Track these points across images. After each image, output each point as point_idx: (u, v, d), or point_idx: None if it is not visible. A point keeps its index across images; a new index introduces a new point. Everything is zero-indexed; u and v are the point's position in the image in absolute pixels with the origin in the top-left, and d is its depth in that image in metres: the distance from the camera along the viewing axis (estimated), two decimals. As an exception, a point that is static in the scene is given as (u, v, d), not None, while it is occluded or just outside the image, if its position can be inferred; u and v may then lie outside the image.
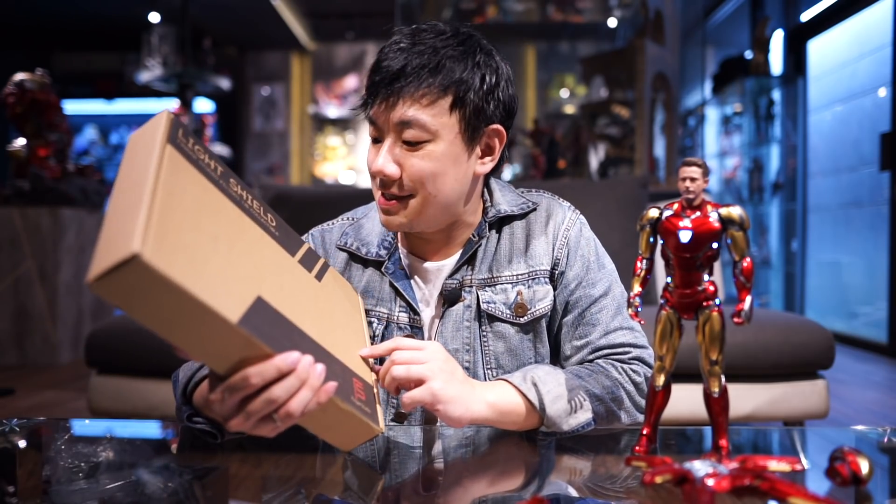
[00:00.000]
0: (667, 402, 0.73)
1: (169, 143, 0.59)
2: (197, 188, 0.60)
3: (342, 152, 7.63)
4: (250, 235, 0.65)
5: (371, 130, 0.87)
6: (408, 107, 0.82)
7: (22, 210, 3.52)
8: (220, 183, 0.64)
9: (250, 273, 0.61)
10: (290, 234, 0.75)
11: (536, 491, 0.70)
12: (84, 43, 7.55)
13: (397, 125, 0.83)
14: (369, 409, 0.69)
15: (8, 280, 3.54)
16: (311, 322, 0.67)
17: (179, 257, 0.52)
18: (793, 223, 5.10)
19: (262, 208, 0.70)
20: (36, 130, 3.59)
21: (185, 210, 0.56)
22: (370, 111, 0.86)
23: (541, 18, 4.55)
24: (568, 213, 0.97)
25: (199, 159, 0.63)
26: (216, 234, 0.59)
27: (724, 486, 0.54)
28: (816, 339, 1.81)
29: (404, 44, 0.83)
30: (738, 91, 5.17)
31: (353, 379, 0.70)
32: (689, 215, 0.68)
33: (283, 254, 0.71)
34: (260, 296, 0.60)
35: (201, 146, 0.65)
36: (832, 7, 4.61)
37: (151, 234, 0.50)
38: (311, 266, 0.76)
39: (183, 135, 0.63)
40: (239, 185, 0.68)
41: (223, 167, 0.67)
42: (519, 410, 0.81)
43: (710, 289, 0.69)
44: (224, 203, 0.63)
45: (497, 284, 0.93)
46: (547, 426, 0.82)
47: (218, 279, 0.56)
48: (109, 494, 0.64)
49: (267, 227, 0.70)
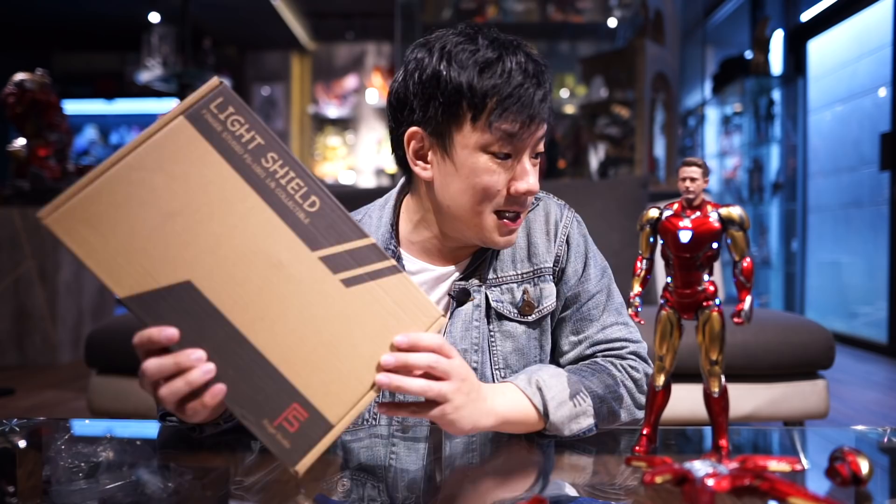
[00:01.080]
0: (667, 402, 0.73)
1: (184, 116, 0.62)
2: (185, 162, 0.62)
3: (342, 152, 7.63)
4: (243, 218, 0.62)
5: (504, 146, 0.82)
6: (545, 124, 0.86)
7: (22, 210, 3.52)
8: (241, 158, 0.63)
9: (198, 256, 0.61)
10: (332, 227, 0.64)
11: (536, 491, 0.70)
12: (84, 43, 7.55)
13: (538, 141, 0.85)
14: (289, 444, 0.60)
15: (8, 280, 3.54)
16: (270, 324, 0.62)
17: (83, 227, 0.59)
18: (793, 223, 5.10)
19: (302, 191, 0.64)
20: (36, 130, 3.59)
21: (138, 185, 0.60)
22: (522, 129, 0.82)
23: (541, 18, 4.55)
24: (564, 211, 0.98)
25: (227, 130, 0.63)
26: (175, 211, 0.61)
27: (724, 486, 0.54)
28: (816, 339, 1.81)
29: (538, 68, 0.84)
30: (738, 91, 5.17)
31: (294, 404, 0.61)
32: (689, 215, 0.68)
33: (295, 244, 0.63)
34: (191, 280, 0.60)
35: (244, 117, 0.63)
36: (832, 7, 4.61)
37: (70, 202, 0.59)
38: (345, 268, 0.64)
39: (218, 105, 0.63)
40: (279, 161, 0.63)
41: (266, 139, 0.64)
42: (525, 418, 0.80)
43: (710, 289, 0.69)
44: (227, 180, 0.62)
45: (503, 284, 0.94)
46: (549, 430, 0.82)
47: (130, 255, 0.60)
48: (109, 494, 0.64)
49: (292, 212, 0.63)
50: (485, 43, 0.83)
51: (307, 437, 0.61)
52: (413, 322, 0.66)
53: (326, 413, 0.62)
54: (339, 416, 0.62)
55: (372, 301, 0.65)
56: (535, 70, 0.83)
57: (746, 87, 5.06)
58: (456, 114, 0.82)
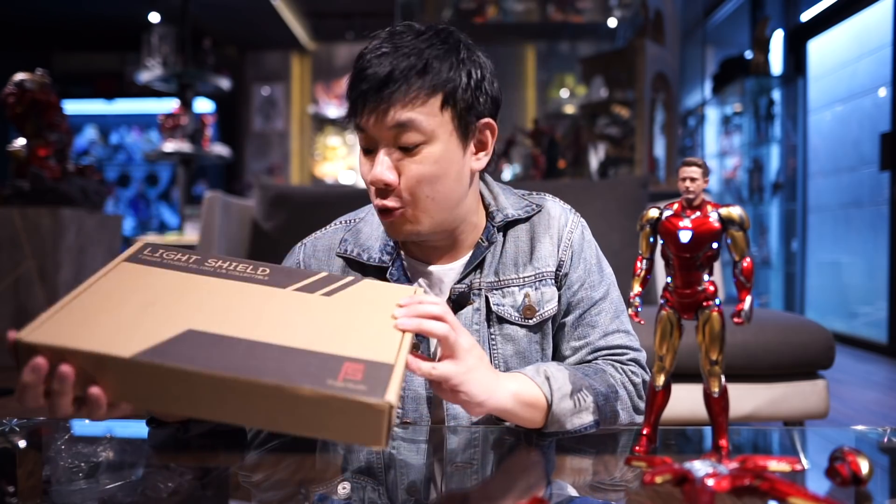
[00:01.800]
0: (667, 402, 0.73)
1: (126, 261, 0.70)
2: (142, 279, 0.68)
3: (342, 152, 7.63)
4: (212, 289, 0.68)
5: (361, 140, 0.85)
6: (401, 110, 0.80)
7: (22, 210, 3.52)
8: (188, 268, 0.71)
9: (186, 314, 0.63)
10: (291, 275, 0.73)
11: (536, 491, 0.70)
12: (84, 43, 7.55)
13: (391, 129, 0.81)
14: (364, 387, 0.57)
15: (8, 280, 3.54)
16: (285, 331, 0.63)
17: (65, 332, 0.58)
18: (793, 223, 5.10)
19: (250, 267, 0.73)
20: (36, 130, 3.59)
21: (107, 295, 0.64)
22: (360, 120, 0.83)
23: (541, 18, 4.54)
24: (570, 216, 0.97)
25: (165, 261, 0.72)
26: (150, 301, 0.64)
27: (724, 486, 0.54)
28: (816, 339, 1.81)
29: (386, 48, 0.81)
30: (738, 91, 5.17)
31: (345, 363, 0.60)
32: (689, 215, 0.68)
33: (268, 290, 0.69)
34: (191, 328, 0.61)
35: (174, 251, 0.73)
36: (832, 7, 4.61)
37: (47, 322, 0.60)
38: (318, 288, 0.71)
39: (150, 251, 0.73)
40: (220, 261, 0.72)
41: (201, 255, 0.73)
42: (535, 403, 0.81)
43: (710, 289, 0.69)
44: (186, 277, 0.69)
45: (504, 287, 0.93)
46: (550, 423, 0.82)
47: (125, 329, 0.60)
48: (109, 494, 0.64)
49: (251, 277, 0.71)
50: (375, 44, 0.84)
51: (376, 378, 0.59)
52: (387, 306, 0.71)
53: (380, 358, 0.62)
54: (393, 356, 0.63)
55: (355, 300, 0.71)
56: (382, 52, 0.81)
57: (746, 87, 5.06)
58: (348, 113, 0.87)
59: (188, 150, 4.91)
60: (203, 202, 2.50)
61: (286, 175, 7.49)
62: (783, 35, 5.18)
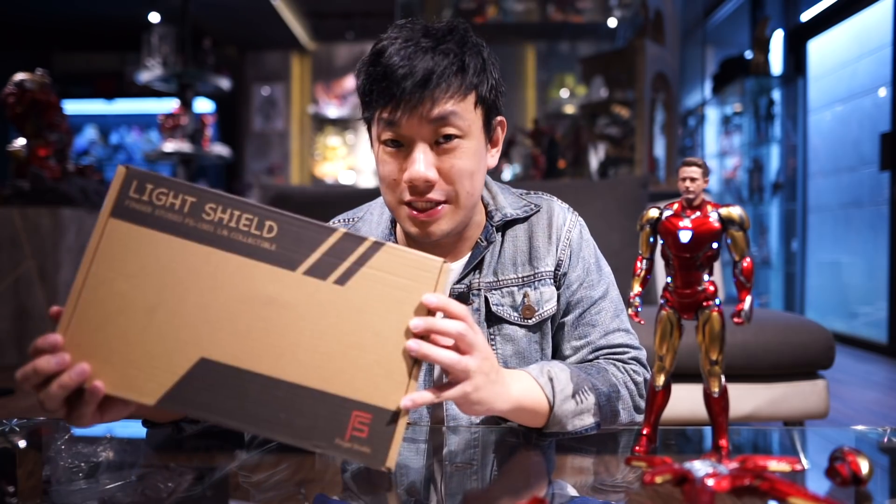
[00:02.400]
0: (667, 402, 0.73)
1: (111, 217, 0.62)
2: (142, 253, 0.62)
3: (342, 152, 7.63)
4: (216, 278, 0.62)
5: (389, 134, 0.82)
6: (444, 104, 0.80)
7: (22, 210, 3.52)
8: (184, 225, 0.63)
9: (197, 332, 0.61)
10: (299, 239, 0.64)
11: (536, 491, 0.70)
12: (84, 43, 7.55)
13: (432, 124, 0.80)
14: (369, 449, 0.61)
15: (8, 280, 3.54)
16: (292, 356, 0.62)
17: (81, 361, 0.59)
18: (793, 223, 5.10)
19: (255, 222, 0.63)
20: (36, 130, 3.59)
21: (113, 296, 0.61)
22: (394, 115, 0.80)
23: (541, 18, 4.55)
24: (568, 215, 0.97)
25: (160, 206, 0.63)
26: (153, 305, 0.61)
27: (724, 486, 0.54)
28: (816, 339, 1.81)
29: (425, 43, 0.80)
30: (738, 91, 5.17)
31: (353, 412, 0.62)
32: (689, 215, 0.68)
33: (276, 273, 0.63)
34: (203, 356, 0.61)
35: (165, 185, 0.63)
36: (832, 7, 4.61)
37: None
38: (332, 268, 0.64)
39: (137, 188, 0.62)
40: (219, 208, 0.63)
41: (197, 196, 0.63)
42: (536, 407, 0.81)
43: (710, 289, 0.69)
44: (183, 252, 0.62)
45: (503, 287, 0.93)
46: (551, 424, 0.82)
47: (139, 362, 0.60)
48: (109, 494, 0.64)
49: (256, 246, 0.63)
50: (389, 35, 0.83)
51: (382, 434, 0.62)
52: (419, 282, 0.65)
53: (386, 404, 0.62)
54: (399, 400, 0.62)
55: (372, 285, 0.64)
56: (416, 49, 0.80)
57: (746, 87, 5.06)
58: (367, 107, 0.85)
59: (188, 150, 4.91)
60: (203, 202, 2.50)
61: (286, 175, 7.49)
62: (783, 35, 5.18)
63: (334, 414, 0.61)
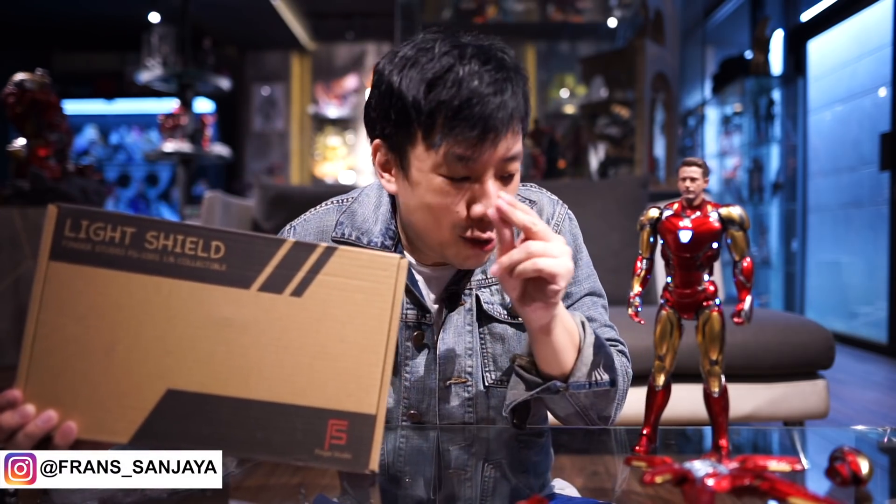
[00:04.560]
0: (667, 402, 0.73)
1: (52, 259, 0.60)
2: (89, 293, 0.60)
3: (342, 152, 7.63)
4: (169, 307, 0.61)
5: (461, 171, 0.76)
6: (512, 141, 0.77)
7: (22, 210, 3.52)
8: (127, 258, 0.61)
9: (159, 364, 0.61)
10: (249, 255, 0.62)
11: (536, 491, 0.70)
12: (84, 43, 7.55)
13: (503, 161, 0.77)
14: (350, 455, 0.61)
15: (8, 280, 3.54)
16: (259, 375, 0.61)
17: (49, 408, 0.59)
18: (793, 223, 5.10)
19: (200, 244, 0.61)
20: (36, 130, 3.59)
21: (67, 342, 0.60)
22: (471, 152, 0.75)
23: (541, 18, 4.55)
24: (557, 208, 0.96)
25: (99, 241, 0.60)
26: (110, 343, 0.60)
27: (724, 486, 0.54)
28: (816, 339, 1.81)
29: (498, 75, 0.76)
30: (738, 91, 5.17)
31: (329, 421, 0.61)
32: (689, 215, 0.68)
33: (230, 294, 0.61)
34: (170, 388, 0.60)
35: (101, 219, 0.60)
36: (832, 7, 4.61)
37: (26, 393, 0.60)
38: (286, 281, 0.62)
39: (72, 226, 0.60)
40: (161, 235, 0.61)
41: (136, 225, 0.61)
42: (573, 335, 0.79)
43: (710, 289, 0.69)
44: (130, 286, 0.61)
45: (493, 285, 0.92)
46: (576, 368, 0.78)
47: (106, 403, 0.60)
48: (109, 494, 0.64)
49: (205, 269, 0.61)
50: (442, 51, 0.76)
51: (360, 438, 0.61)
52: (377, 282, 0.63)
53: (361, 409, 0.62)
54: (374, 404, 0.62)
55: (330, 292, 0.63)
56: (495, 78, 0.75)
57: (746, 87, 5.06)
58: (408, 132, 0.77)
59: (188, 150, 4.91)
60: (203, 202, 2.51)
61: (286, 175, 7.49)
62: (783, 35, 5.18)
63: (310, 425, 0.61)
